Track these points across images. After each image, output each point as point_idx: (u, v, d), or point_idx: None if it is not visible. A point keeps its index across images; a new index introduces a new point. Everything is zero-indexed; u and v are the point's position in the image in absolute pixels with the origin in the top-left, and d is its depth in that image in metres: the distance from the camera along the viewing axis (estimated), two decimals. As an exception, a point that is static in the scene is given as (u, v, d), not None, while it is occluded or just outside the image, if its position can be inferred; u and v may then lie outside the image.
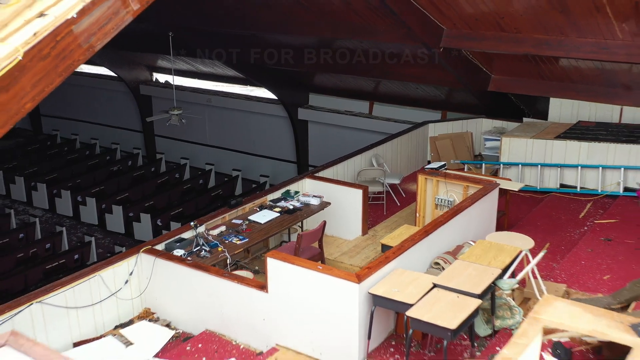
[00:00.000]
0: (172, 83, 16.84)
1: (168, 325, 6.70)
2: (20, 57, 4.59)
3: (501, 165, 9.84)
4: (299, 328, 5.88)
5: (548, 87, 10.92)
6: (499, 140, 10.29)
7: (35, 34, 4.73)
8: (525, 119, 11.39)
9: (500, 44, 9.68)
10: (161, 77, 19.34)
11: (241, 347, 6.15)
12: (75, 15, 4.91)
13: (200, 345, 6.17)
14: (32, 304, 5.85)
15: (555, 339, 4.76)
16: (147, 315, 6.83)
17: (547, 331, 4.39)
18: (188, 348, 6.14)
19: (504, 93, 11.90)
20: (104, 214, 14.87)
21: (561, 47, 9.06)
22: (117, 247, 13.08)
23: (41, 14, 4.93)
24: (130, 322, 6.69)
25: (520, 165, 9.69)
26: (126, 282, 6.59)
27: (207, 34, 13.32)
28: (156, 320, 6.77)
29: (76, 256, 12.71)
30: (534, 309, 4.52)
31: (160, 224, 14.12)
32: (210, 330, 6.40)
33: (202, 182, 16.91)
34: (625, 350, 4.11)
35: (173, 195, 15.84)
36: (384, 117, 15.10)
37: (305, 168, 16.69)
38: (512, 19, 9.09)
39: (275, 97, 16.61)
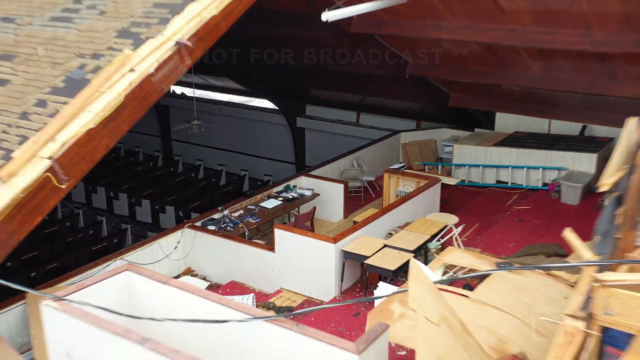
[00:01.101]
0: (189, 95, 19.63)
1: (204, 279, 9.45)
2: (122, 99, 7.33)
3: (453, 166, 12.60)
4: (295, 276, 8.63)
5: (494, 104, 13.66)
6: (451, 145, 13.07)
7: (130, 84, 7.47)
8: (476, 129, 14.16)
9: (453, 73, 12.44)
10: (178, 89, 22.11)
11: (256, 290, 8.91)
12: (153, 71, 7.65)
13: (228, 290, 8.92)
14: (116, 260, 8.60)
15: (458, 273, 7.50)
16: (189, 272, 9.59)
17: (449, 266, 7.13)
18: (219, 292, 8.89)
19: (464, 107, 14.65)
20: (134, 207, 17.61)
21: (495, 76, 11.83)
22: (149, 232, 15.83)
23: (132, 69, 7.66)
24: (177, 277, 9.45)
25: (467, 166, 12.45)
26: (175, 247, 9.34)
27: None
28: (195, 275, 9.53)
29: (115, 240, 15.46)
30: (440, 254, 7.26)
31: (181, 214, 16.86)
32: (235, 280, 9.15)
33: (214, 180, 19.66)
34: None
35: (190, 191, 18.58)
36: (369, 125, 17.82)
37: (302, 167, 19.42)
38: (460, 56, 11.83)
39: (277, 108, 19.38)
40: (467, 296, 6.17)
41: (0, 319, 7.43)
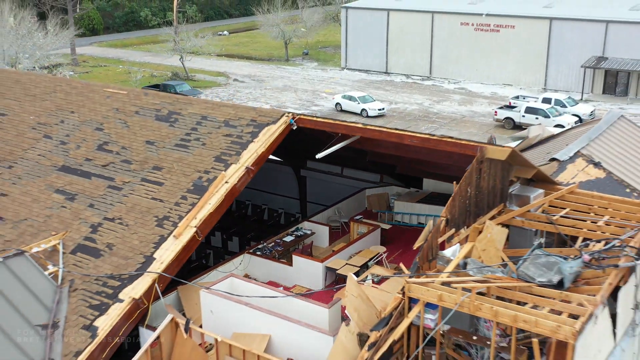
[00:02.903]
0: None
1: (255, 279, 17.52)
2: (222, 199, 15.50)
3: (393, 213, 20.69)
4: (302, 280, 16.73)
5: (422, 173, 21.74)
6: (394, 199, 21.18)
7: (226, 190, 15.65)
8: (412, 188, 22.26)
9: (393, 159, 20.49)
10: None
11: (282, 286, 17.00)
12: (236, 182, 15.84)
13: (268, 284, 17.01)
14: (217, 269, 16.66)
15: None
16: (247, 276, 17.68)
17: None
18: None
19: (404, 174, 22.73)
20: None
21: (420, 163, 19.91)
22: (225, 255, 23.85)
23: (226, 182, 15.83)
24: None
25: (401, 214, 20.54)
26: (240, 263, 17.42)
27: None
28: (251, 278, 17.61)
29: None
30: (370, 269, 15.38)
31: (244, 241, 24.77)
32: (272, 280, 17.24)
33: (259, 212, 27.41)
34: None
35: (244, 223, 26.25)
36: (349, 176, 25.87)
37: (305, 204, 27.43)
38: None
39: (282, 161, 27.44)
40: (377, 287, 14.33)
41: (169, 297, 15.47)
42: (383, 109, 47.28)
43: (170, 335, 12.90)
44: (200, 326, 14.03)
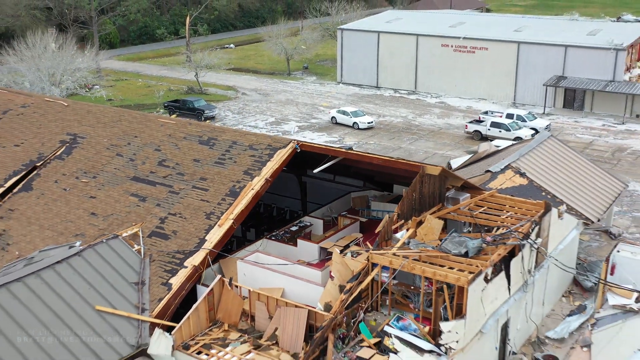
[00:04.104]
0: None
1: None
2: (249, 201, 22.39)
3: (371, 210, 27.41)
4: (304, 255, 23.46)
5: (392, 181, 28.48)
6: (372, 200, 27.91)
7: (252, 193, 22.55)
8: (385, 192, 28.99)
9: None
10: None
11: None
12: (259, 189, 22.71)
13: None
14: (245, 248, 23.42)
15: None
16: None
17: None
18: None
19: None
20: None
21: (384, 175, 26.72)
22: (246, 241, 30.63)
23: (252, 188, 22.71)
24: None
25: (377, 211, 27.25)
26: (260, 246, 24.20)
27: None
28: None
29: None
30: (350, 248, 22.19)
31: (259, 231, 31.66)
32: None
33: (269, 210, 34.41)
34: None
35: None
36: (339, 182, 32.60)
37: (305, 205, 34.16)
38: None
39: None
40: (352, 259, 21.17)
41: (215, 266, 22.15)
42: (372, 122, 54.04)
43: (219, 289, 19.71)
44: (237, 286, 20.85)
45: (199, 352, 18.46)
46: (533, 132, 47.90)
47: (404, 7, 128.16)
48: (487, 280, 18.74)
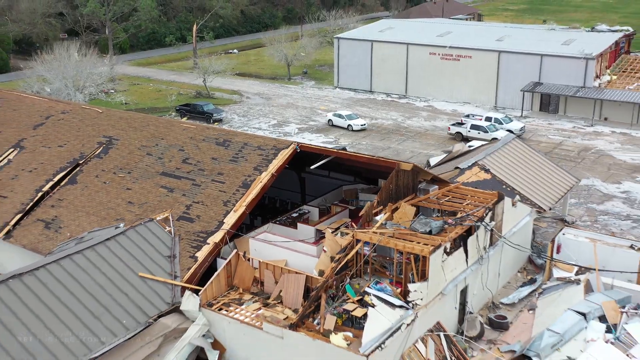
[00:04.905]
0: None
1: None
2: (258, 192, 27.25)
3: (359, 200, 32.13)
4: (303, 236, 28.25)
5: (377, 176, 33.25)
6: (360, 192, 32.65)
7: (259, 187, 27.41)
8: (371, 185, 33.75)
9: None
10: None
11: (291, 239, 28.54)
12: (266, 182, 27.57)
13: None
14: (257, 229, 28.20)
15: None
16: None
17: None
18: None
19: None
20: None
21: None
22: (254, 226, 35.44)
23: (260, 181, 27.54)
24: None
25: (363, 201, 31.95)
26: (267, 226, 28.98)
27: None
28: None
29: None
30: (339, 229, 26.99)
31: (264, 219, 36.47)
32: (284, 238, 28.83)
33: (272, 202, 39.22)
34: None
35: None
36: (333, 177, 37.33)
37: (304, 197, 38.89)
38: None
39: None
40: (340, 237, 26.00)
41: (231, 244, 26.93)
42: (365, 124, 58.81)
43: (235, 261, 24.51)
44: (249, 259, 25.64)
45: (220, 309, 23.24)
46: (508, 133, 52.67)
47: (399, 12, 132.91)
48: (446, 252, 23.54)
